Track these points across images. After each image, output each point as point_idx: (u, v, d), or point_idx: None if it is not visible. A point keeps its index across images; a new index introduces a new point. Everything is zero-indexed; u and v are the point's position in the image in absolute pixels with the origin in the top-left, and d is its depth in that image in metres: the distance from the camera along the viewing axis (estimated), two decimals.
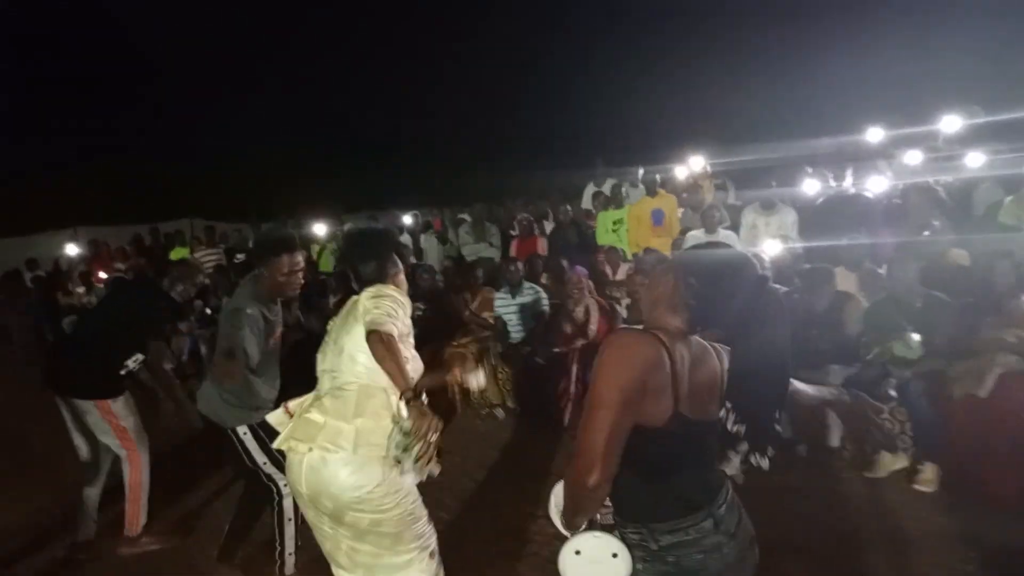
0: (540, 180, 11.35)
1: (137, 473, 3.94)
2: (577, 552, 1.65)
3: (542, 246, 8.27)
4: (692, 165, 8.92)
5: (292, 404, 2.60)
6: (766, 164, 8.21)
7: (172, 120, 21.52)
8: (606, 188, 9.19)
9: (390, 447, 2.17)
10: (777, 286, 1.88)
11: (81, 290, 11.20)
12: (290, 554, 3.40)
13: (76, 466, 4.08)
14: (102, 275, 11.37)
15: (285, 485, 3.27)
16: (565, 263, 6.73)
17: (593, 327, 5.86)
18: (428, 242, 9.57)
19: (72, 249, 13.29)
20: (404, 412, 2.19)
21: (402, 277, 2.70)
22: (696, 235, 7.23)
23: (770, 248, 6.51)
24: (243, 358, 3.21)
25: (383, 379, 2.33)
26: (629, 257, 7.97)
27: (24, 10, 20.60)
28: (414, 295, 7.00)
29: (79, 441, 3.95)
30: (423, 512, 2.57)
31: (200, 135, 21.41)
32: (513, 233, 9.45)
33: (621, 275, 7.68)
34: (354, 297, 2.59)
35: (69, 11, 21.18)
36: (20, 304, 10.52)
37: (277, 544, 3.39)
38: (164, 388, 4.92)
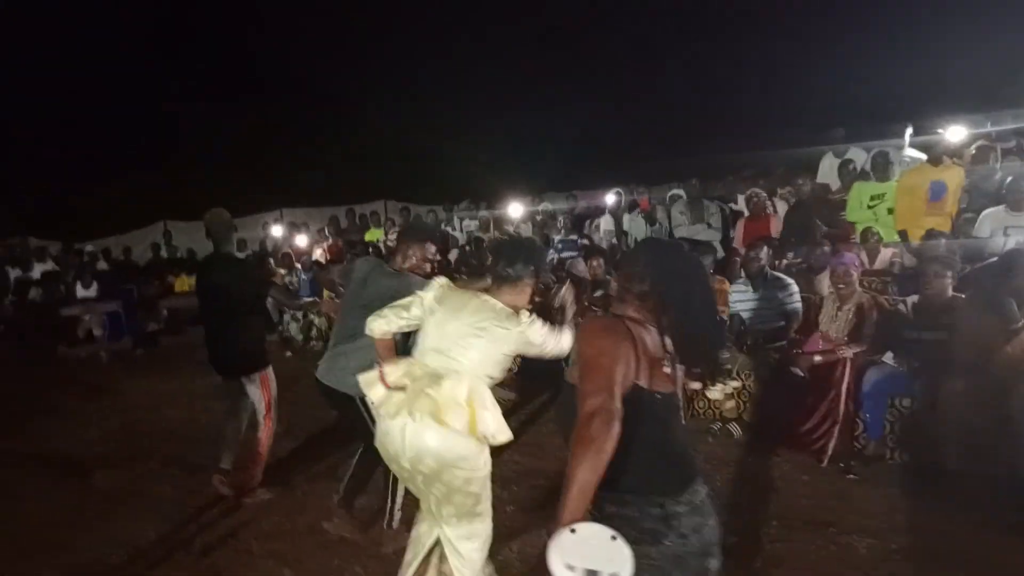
0: (762, 154, 9.79)
1: (266, 435, 4.46)
2: (572, 530, 1.50)
3: (775, 227, 6.93)
4: (972, 128, 7.13)
5: (392, 378, 2.74)
6: None
7: (367, 104, 21.90)
8: (856, 156, 7.63)
9: None
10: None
11: (283, 271, 11.30)
12: (399, 509, 3.70)
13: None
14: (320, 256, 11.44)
15: None
16: (827, 248, 5.43)
17: (869, 330, 4.54)
18: (633, 222, 8.51)
19: (277, 230, 13.60)
20: None
21: (529, 290, 2.84)
22: (995, 213, 5.62)
23: None
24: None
25: (494, 374, 2.73)
26: (895, 237, 6.44)
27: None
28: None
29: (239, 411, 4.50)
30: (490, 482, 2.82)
31: (396, 118, 21.67)
32: (733, 207, 8.17)
33: (881, 264, 6.21)
34: (487, 299, 2.76)
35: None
36: None
37: (389, 500, 3.69)
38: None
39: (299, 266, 11.03)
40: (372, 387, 2.81)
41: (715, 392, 1.84)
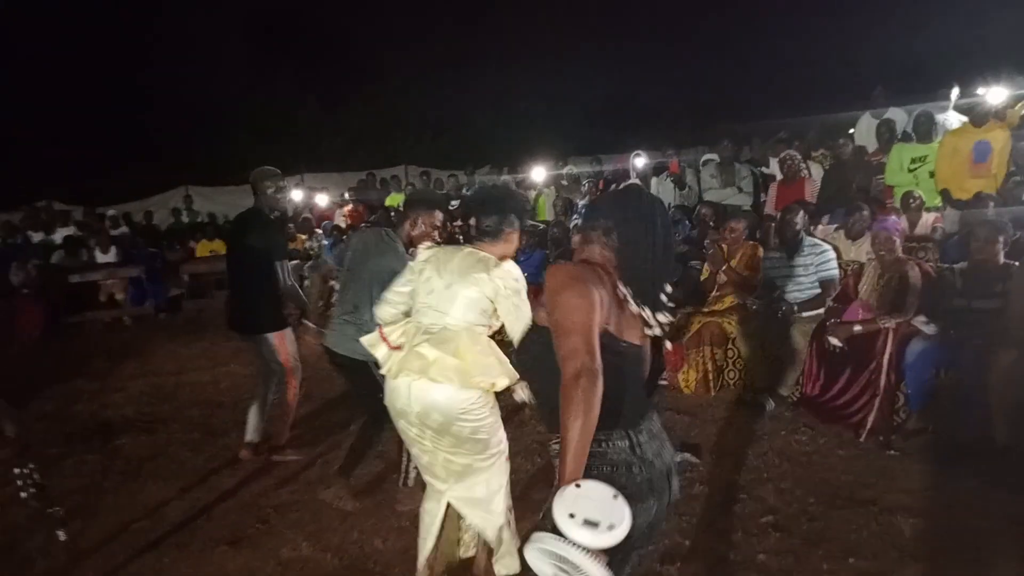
0: (795, 117, 9.40)
1: (291, 395, 4.49)
2: (577, 485, 1.54)
3: (810, 191, 6.65)
4: (1015, 89, 6.77)
5: (392, 337, 2.84)
6: None
7: (389, 68, 21.57)
8: (895, 117, 7.31)
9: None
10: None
11: (304, 236, 11.20)
12: (414, 467, 3.68)
13: None
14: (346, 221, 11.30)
15: None
16: (866, 212, 5.18)
17: (913, 299, 4.32)
18: (662, 186, 8.25)
19: (297, 195, 13.44)
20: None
21: (515, 237, 2.90)
22: None
23: None
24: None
25: (483, 320, 2.76)
26: (936, 202, 6.17)
27: None
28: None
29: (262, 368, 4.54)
30: (501, 422, 2.88)
31: (418, 83, 21.34)
32: (765, 171, 7.90)
33: (923, 229, 5.96)
34: (472, 250, 2.82)
35: None
36: None
37: (404, 459, 3.74)
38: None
39: (320, 231, 10.92)
40: (376, 347, 2.90)
41: (655, 327, 1.89)
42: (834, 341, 4.44)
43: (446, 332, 2.71)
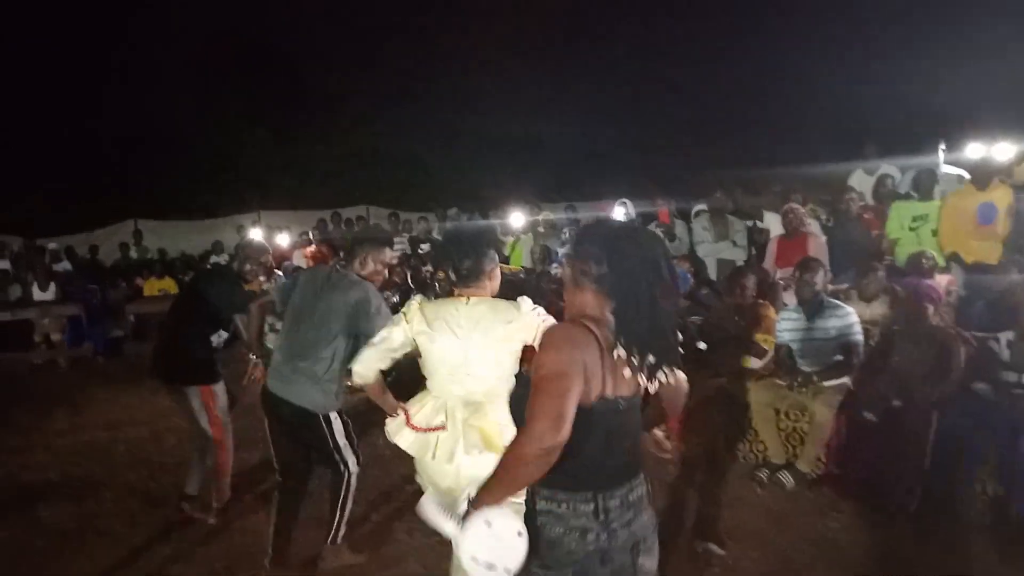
0: (785, 170, 9.22)
1: (224, 454, 4.28)
2: (488, 523, 1.58)
3: (814, 247, 6.30)
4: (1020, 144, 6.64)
5: (420, 419, 2.67)
6: None
7: (351, 106, 21.15)
8: (893, 171, 7.12)
9: None
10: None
11: (262, 277, 10.51)
12: (345, 524, 3.58)
13: None
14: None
15: (355, 463, 3.52)
16: (881, 272, 4.88)
17: (957, 372, 3.92)
18: None
19: (256, 234, 12.83)
20: None
21: (498, 272, 2.81)
22: None
23: None
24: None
25: (516, 370, 2.64)
26: (942, 263, 5.89)
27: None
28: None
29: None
30: None
31: (382, 122, 20.96)
32: (759, 224, 7.57)
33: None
34: (478, 300, 2.68)
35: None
36: None
37: (337, 514, 3.55)
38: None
39: (279, 272, 10.26)
40: (399, 434, 2.72)
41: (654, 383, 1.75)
42: (868, 415, 4.01)
43: (494, 398, 2.57)
